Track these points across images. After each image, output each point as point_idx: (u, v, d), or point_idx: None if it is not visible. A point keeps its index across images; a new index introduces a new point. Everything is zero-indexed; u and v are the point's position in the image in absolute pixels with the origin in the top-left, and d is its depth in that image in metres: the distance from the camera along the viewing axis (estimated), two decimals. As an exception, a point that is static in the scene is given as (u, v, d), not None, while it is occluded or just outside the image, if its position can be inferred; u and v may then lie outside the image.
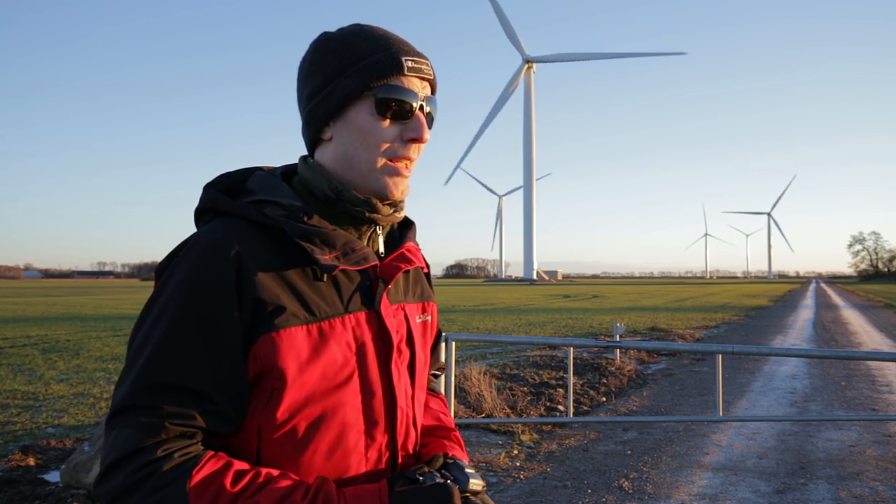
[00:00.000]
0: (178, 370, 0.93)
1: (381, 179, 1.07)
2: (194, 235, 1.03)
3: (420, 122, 1.08)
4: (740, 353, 6.55)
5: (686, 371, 10.29)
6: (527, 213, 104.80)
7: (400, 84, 1.06)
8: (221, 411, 0.95)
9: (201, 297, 0.95)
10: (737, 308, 28.51)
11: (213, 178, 1.11)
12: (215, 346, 0.95)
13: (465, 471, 1.01)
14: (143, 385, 0.92)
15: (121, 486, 0.89)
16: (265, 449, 0.98)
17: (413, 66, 1.07)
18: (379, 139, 1.06)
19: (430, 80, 1.11)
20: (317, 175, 1.09)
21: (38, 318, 21.29)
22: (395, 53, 1.06)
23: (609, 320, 19.51)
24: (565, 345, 6.96)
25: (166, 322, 0.95)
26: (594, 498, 4.62)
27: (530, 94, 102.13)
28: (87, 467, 4.29)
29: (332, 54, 1.08)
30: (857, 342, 15.19)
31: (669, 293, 49.05)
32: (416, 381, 1.15)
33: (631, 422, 6.78)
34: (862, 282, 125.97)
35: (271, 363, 0.96)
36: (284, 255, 1.02)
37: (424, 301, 1.23)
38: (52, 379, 9.24)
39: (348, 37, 1.09)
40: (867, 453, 5.71)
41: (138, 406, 0.92)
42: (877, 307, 30.08)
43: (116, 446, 0.90)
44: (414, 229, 1.24)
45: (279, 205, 1.04)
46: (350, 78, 1.06)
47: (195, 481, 0.88)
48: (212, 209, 1.07)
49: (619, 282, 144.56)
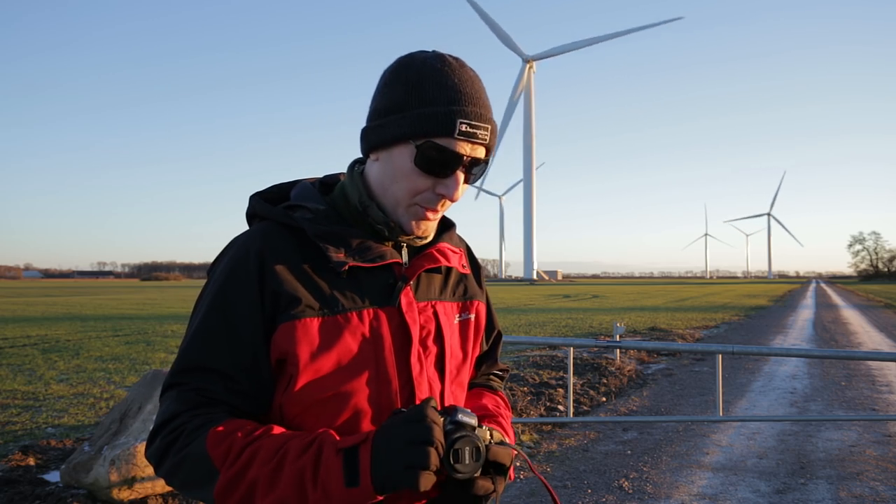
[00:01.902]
0: (207, 355, 1.08)
1: (406, 218, 1.14)
2: (235, 238, 1.17)
3: (455, 183, 1.10)
4: (740, 353, 6.55)
5: (686, 371, 10.29)
6: (527, 214, 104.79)
7: (446, 146, 1.08)
8: (245, 391, 1.08)
9: (228, 293, 1.09)
10: (737, 308, 28.50)
11: (264, 188, 1.25)
12: (237, 335, 1.08)
13: (458, 409, 1.02)
14: (181, 367, 1.09)
15: (159, 446, 1.05)
16: (287, 428, 1.07)
17: (466, 132, 1.08)
18: (412, 185, 1.11)
19: (484, 144, 1.11)
20: (354, 186, 1.18)
21: (38, 318, 21.29)
22: (453, 114, 1.07)
23: (609, 320, 19.50)
24: (565, 345, 6.96)
25: (201, 314, 1.11)
26: (594, 498, 4.62)
27: (530, 93, 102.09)
28: (87, 467, 4.29)
29: (401, 86, 1.10)
30: (857, 342, 15.19)
31: (669, 293, 49.03)
32: (449, 377, 1.19)
33: (631, 422, 6.78)
34: (862, 282, 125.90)
35: (288, 350, 1.06)
36: (307, 254, 1.12)
37: (466, 301, 1.27)
38: (52, 379, 9.24)
39: (424, 73, 1.10)
40: (867, 453, 5.70)
41: (176, 384, 1.08)
42: (877, 307, 30.06)
43: (158, 417, 1.08)
44: (452, 231, 1.27)
45: (307, 209, 1.15)
46: (404, 120, 1.09)
47: (212, 435, 1.00)
48: (256, 214, 1.20)
49: (619, 282, 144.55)
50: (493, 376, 1.41)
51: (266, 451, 0.99)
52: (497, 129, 1.14)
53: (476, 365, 1.35)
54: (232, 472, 0.98)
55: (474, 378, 1.36)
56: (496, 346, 1.40)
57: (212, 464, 0.99)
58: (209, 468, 0.99)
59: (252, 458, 0.98)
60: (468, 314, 1.26)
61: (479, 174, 1.14)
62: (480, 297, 1.31)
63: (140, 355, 11.73)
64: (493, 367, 1.40)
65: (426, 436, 0.95)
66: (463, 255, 1.28)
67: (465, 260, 1.28)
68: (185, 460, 1.01)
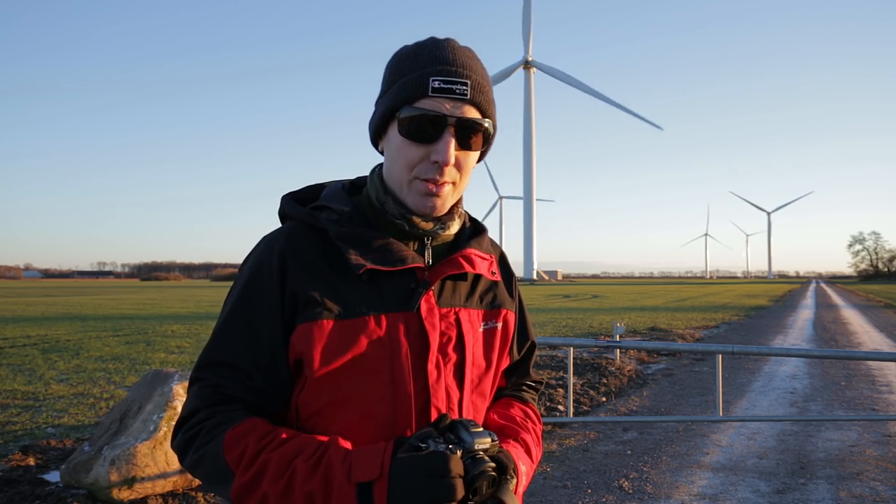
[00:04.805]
0: (226, 351, 1.10)
1: (412, 196, 1.12)
2: (263, 237, 1.18)
3: (445, 145, 1.07)
4: (740, 353, 6.55)
5: (686, 371, 10.29)
6: (527, 213, 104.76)
7: (424, 106, 1.07)
8: (262, 388, 1.09)
9: (251, 292, 1.11)
10: (737, 308, 28.49)
11: (297, 189, 1.25)
12: (256, 333, 1.09)
13: (470, 430, 1.01)
14: (204, 362, 1.11)
15: (181, 440, 1.08)
16: (302, 428, 1.10)
17: (441, 87, 1.06)
18: (406, 159, 1.10)
19: (464, 99, 1.08)
20: (372, 185, 1.18)
21: (38, 318, 21.28)
22: (424, 74, 1.07)
23: (609, 320, 19.49)
24: (565, 345, 6.95)
25: (226, 312, 1.13)
26: (594, 498, 4.62)
27: (530, 94, 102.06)
28: (87, 467, 4.28)
29: (388, 70, 1.14)
30: (857, 342, 15.18)
31: (669, 293, 49.02)
32: (469, 385, 1.16)
33: (631, 422, 6.78)
34: (862, 282, 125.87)
35: (304, 351, 1.07)
36: (329, 255, 1.12)
37: (494, 309, 1.23)
38: (52, 379, 9.24)
39: (406, 53, 1.12)
40: (867, 453, 5.70)
41: (199, 378, 1.11)
42: (877, 307, 30.06)
43: (182, 410, 1.11)
44: (482, 237, 1.24)
45: (333, 210, 1.15)
46: (387, 98, 1.11)
47: (229, 437, 1.02)
48: (286, 214, 1.21)
49: (619, 282, 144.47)
50: (526, 387, 1.37)
51: (275, 467, 0.99)
52: (487, 88, 1.11)
53: (507, 375, 1.32)
54: (245, 478, 1.00)
55: (504, 388, 1.32)
56: (529, 357, 1.35)
57: (227, 466, 1.01)
58: (225, 469, 1.01)
59: (263, 471, 0.99)
60: (495, 322, 1.22)
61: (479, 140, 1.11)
62: (510, 305, 1.27)
63: (140, 355, 11.73)
64: (524, 378, 1.36)
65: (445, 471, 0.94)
66: (494, 261, 1.24)
67: (495, 266, 1.24)
68: (204, 458, 1.04)
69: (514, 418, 1.25)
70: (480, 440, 1.00)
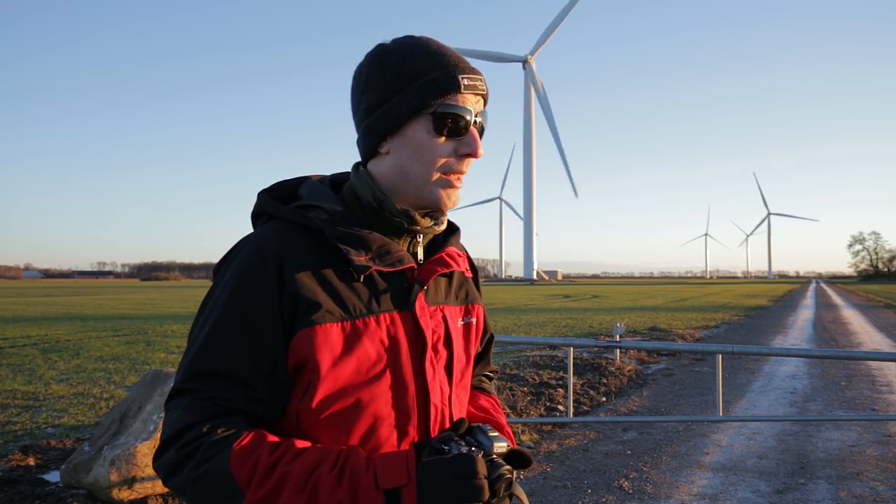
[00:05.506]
0: (223, 359, 1.03)
1: (436, 192, 1.13)
2: (245, 237, 1.13)
3: (474, 139, 1.13)
4: (740, 353, 6.55)
5: (686, 371, 10.29)
6: (527, 213, 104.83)
7: (457, 102, 1.11)
8: (262, 397, 1.04)
9: (245, 295, 1.05)
10: (737, 308, 28.50)
11: (269, 186, 1.20)
12: (256, 339, 1.04)
13: (488, 434, 1.03)
14: (193, 372, 1.03)
15: (173, 459, 1.00)
16: (304, 436, 1.05)
17: (469, 84, 1.11)
18: (435, 155, 1.11)
19: (483, 94, 1.15)
20: (363, 184, 1.15)
21: (38, 318, 21.29)
22: (453, 71, 1.11)
23: (609, 320, 19.50)
24: (565, 345, 6.96)
25: (215, 316, 1.05)
26: (594, 498, 4.62)
27: (530, 92, 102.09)
28: (87, 467, 4.29)
29: (389, 70, 1.12)
30: (857, 342, 15.19)
31: (669, 293, 49.04)
32: (455, 380, 1.19)
33: (631, 422, 6.78)
34: (862, 282, 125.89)
35: (307, 356, 1.04)
36: (324, 256, 1.09)
37: (468, 304, 1.27)
38: (52, 379, 9.25)
39: (406, 52, 1.12)
40: (867, 453, 5.71)
41: (188, 390, 1.03)
42: (877, 307, 30.07)
43: (169, 426, 1.02)
44: (458, 235, 1.28)
45: (322, 209, 1.12)
46: (409, 95, 1.10)
47: (236, 452, 0.97)
48: (264, 213, 1.16)
49: (619, 282, 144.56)
50: (484, 377, 1.44)
51: (295, 479, 0.96)
52: None
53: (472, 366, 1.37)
54: (261, 494, 0.95)
55: None
56: (489, 348, 1.41)
57: (236, 484, 0.96)
58: (233, 488, 0.96)
59: (281, 485, 0.95)
60: (470, 317, 1.26)
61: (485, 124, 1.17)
62: (480, 300, 1.32)
63: (140, 355, 11.73)
64: (485, 369, 1.43)
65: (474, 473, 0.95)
66: (465, 258, 1.29)
67: (466, 263, 1.29)
68: (205, 476, 0.97)
69: (488, 410, 1.31)
70: (498, 444, 1.03)
